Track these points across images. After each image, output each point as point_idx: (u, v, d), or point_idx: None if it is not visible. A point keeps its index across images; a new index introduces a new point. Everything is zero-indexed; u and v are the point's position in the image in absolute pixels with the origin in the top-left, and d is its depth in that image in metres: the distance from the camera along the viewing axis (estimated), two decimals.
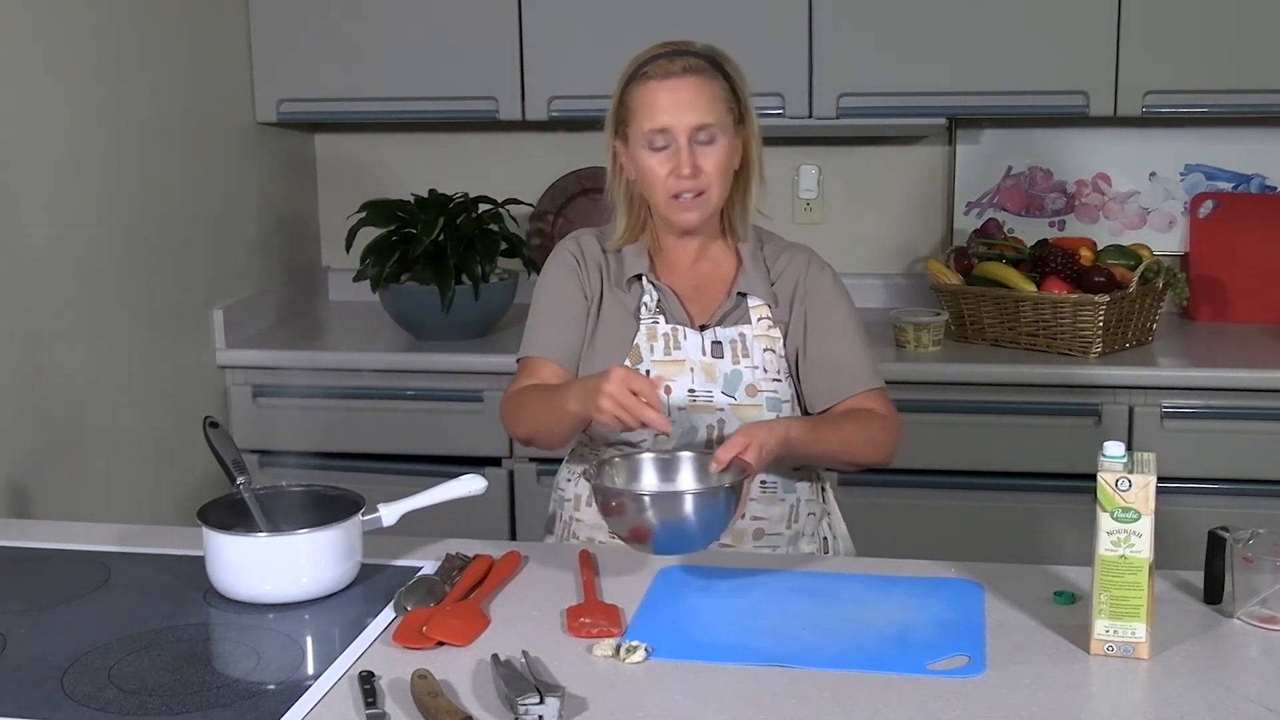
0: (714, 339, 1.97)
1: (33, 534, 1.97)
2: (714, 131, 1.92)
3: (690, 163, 1.90)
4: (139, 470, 2.84)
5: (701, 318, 2.00)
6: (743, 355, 1.97)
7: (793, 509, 2.00)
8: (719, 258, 2.04)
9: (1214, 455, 2.90)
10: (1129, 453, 1.51)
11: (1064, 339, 3.01)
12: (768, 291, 2.00)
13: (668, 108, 1.90)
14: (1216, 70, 3.05)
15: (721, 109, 1.93)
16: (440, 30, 3.27)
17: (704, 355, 1.97)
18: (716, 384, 1.95)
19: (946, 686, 1.44)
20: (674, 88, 1.91)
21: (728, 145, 1.94)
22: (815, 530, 2.05)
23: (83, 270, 2.70)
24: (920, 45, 3.12)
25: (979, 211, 3.50)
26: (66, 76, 2.64)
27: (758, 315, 1.99)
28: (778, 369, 1.97)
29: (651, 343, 1.97)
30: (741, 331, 1.98)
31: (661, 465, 1.84)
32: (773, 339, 1.98)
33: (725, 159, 1.94)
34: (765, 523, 1.97)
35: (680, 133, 1.90)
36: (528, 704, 1.35)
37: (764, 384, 1.95)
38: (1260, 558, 1.57)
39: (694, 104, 1.90)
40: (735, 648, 1.54)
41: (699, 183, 1.92)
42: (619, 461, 1.86)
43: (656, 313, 1.99)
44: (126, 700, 1.43)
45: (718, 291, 2.01)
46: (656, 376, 1.95)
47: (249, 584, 1.67)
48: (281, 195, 3.56)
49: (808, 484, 2.04)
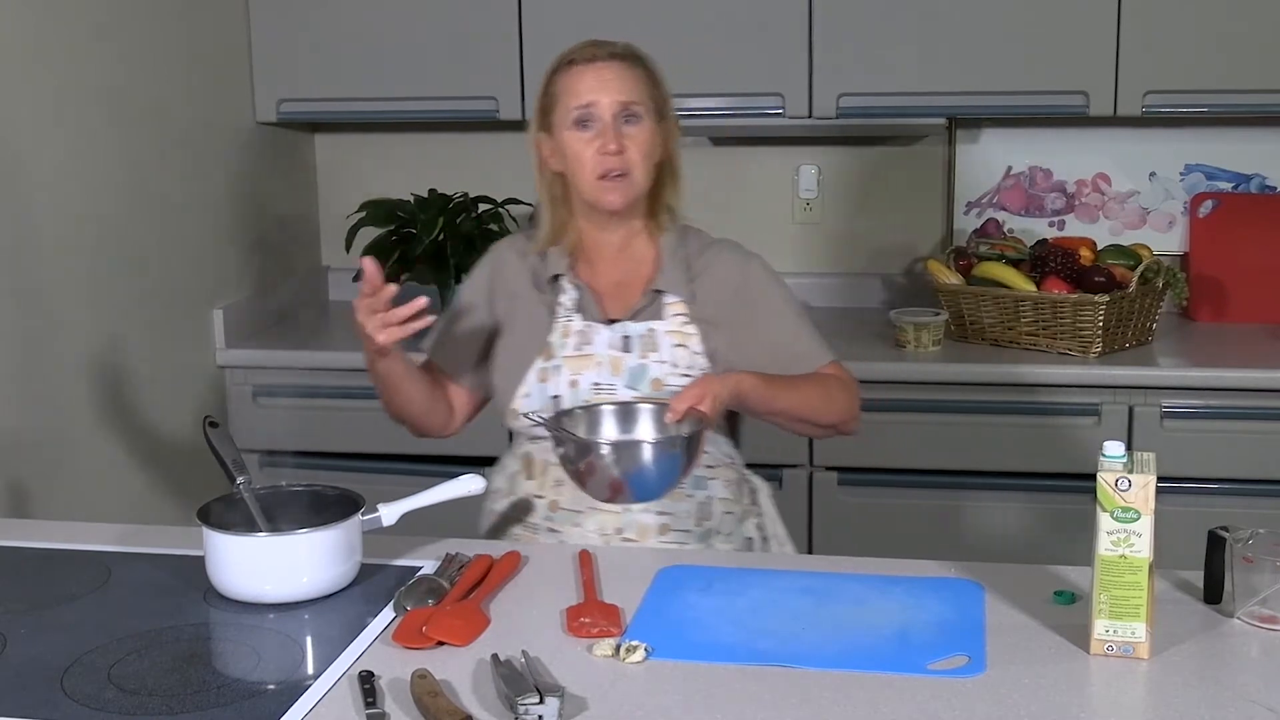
0: (624, 334, 2.00)
1: (33, 534, 1.97)
2: (638, 110, 1.97)
3: (616, 139, 1.95)
4: (139, 470, 2.85)
5: (617, 313, 2.03)
6: (650, 350, 1.99)
7: (703, 506, 2.01)
8: (640, 254, 2.06)
9: (1214, 455, 2.90)
10: (1129, 452, 1.51)
11: (1064, 339, 3.01)
12: (686, 289, 2.02)
13: (593, 86, 1.97)
14: (1216, 70, 3.05)
15: (644, 94, 1.99)
16: (440, 30, 3.27)
17: (611, 350, 2.00)
18: (621, 378, 1.98)
19: (946, 686, 1.44)
20: (599, 69, 1.98)
21: (651, 129, 1.99)
22: (735, 530, 2.06)
23: (82, 270, 2.70)
24: (920, 45, 3.12)
25: (979, 211, 3.50)
26: (66, 76, 2.64)
27: (673, 311, 2.01)
28: (689, 365, 1.99)
29: (565, 339, 2.01)
30: (651, 327, 2.00)
31: (620, 415, 1.90)
32: (686, 335, 2.00)
33: (649, 141, 1.98)
34: (672, 518, 1.98)
35: (605, 109, 1.95)
36: (527, 704, 1.35)
37: (671, 379, 1.97)
38: (1260, 557, 1.57)
39: (619, 83, 1.97)
40: (735, 648, 1.54)
41: (624, 160, 1.96)
42: (579, 412, 1.91)
43: (573, 310, 2.02)
44: (126, 700, 1.43)
45: (636, 289, 2.04)
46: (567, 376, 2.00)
47: (249, 584, 1.67)
48: (281, 195, 3.56)
49: (723, 483, 2.04)
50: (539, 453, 2.02)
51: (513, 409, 2.02)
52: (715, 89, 3.21)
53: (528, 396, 2.00)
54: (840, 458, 3.03)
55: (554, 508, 1.99)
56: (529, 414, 1.95)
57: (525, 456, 2.05)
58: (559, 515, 1.99)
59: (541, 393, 2.00)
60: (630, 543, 1.96)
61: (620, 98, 1.96)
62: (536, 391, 2.00)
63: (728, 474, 2.06)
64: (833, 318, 3.44)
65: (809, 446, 3.01)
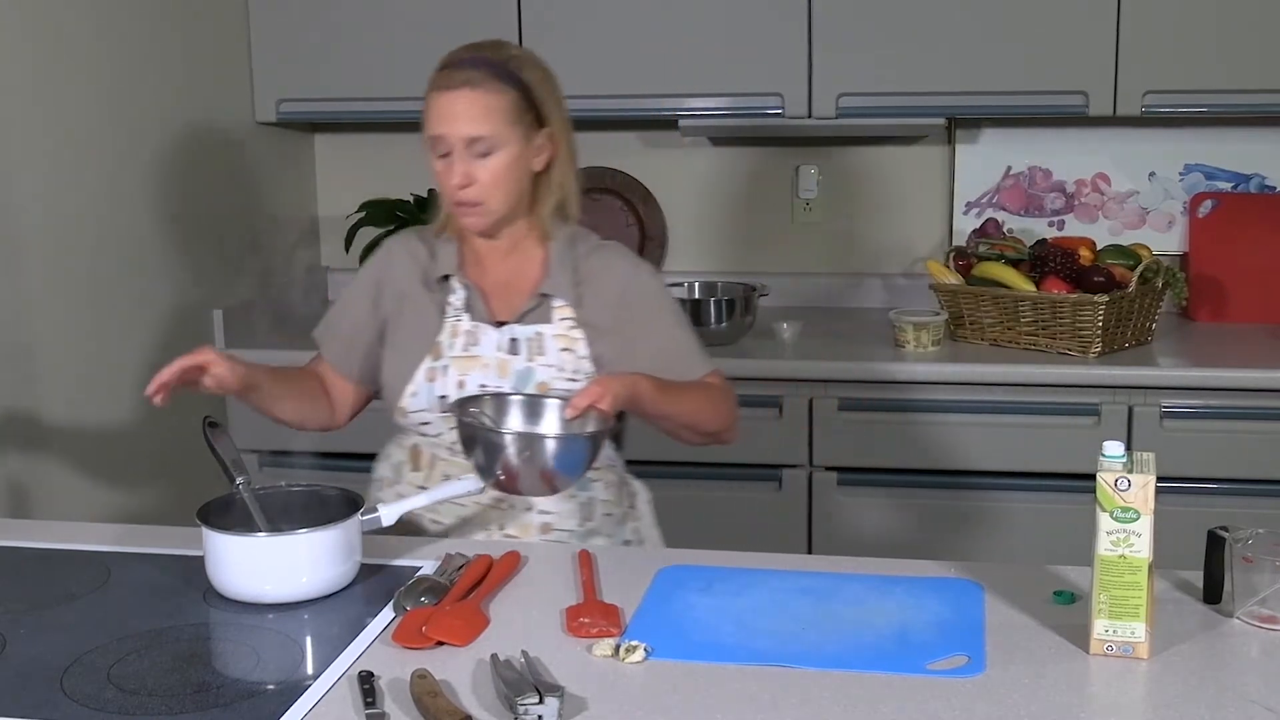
0: (511, 336, 2.01)
1: (33, 534, 1.97)
2: (490, 144, 1.94)
3: (462, 173, 1.94)
4: (139, 470, 2.85)
5: (505, 315, 2.03)
6: (537, 354, 2.00)
7: (585, 507, 2.02)
8: (528, 256, 2.06)
9: (1213, 455, 2.90)
10: (1128, 452, 1.51)
11: (1063, 339, 3.01)
12: (572, 293, 2.02)
13: (443, 117, 1.94)
14: (1216, 70, 3.05)
15: (500, 121, 1.94)
16: (440, 30, 3.27)
17: (499, 352, 2.00)
18: (508, 380, 1.98)
19: (946, 686, 1.44)
20: (450, 100, 1.94)
21: (509, 156, 1.95)
22: (614, 532, 2.07)
23: (82, 270, 2.70)
24: (920, 45, 3.12)
25: (978, 211, 3.50)
26: (66, 77, 2.64)
27: (559, 315, 2.02)
28: (575, 369, 2.00)
29: (453, 339, 2.02)
30: (539, 330, 2.01)
31: (526, 408, 1.91)
32: (573, 339, 2.01)
33: (504, 169, 1.95)
34: (554, 518, 2.00)
35: (454, 140, 1.94)
36: (527, 704, 1.35)
37: (558, 382, 1.97)
38: (1259, 557, 1.57)
39: (468, 116, 1.93)
40: (735, 648, 1.54)
41: (472, 193, 1.95)
42: (486, 399, 1.91)
43: (462, 310, 2.03)
44: (126, 700, 1.43)
45: (524, 291, 2.04)
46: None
47: (249, 584, 1.67)
48: (281, 195, 3.56)
49: (605, 485, 2.06)
50: (426, 446, 2.04)
51: (401, 407, 2.02)
52: (715, 89, 3.21)
53: (415, 395, 2.01)
54: (840, 458, 3.03)
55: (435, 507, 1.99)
56: (451, 409, 1.94)
57: (413, 449, 2.06)
58: (445, 508, 1.99)
59: (429, 392, 2.00)
60: (511, 539, 1.97)
61: (467, 133, 1.92)
62: (424, 391, 2.00)
63: (609, 476, 2.08)
64: (832, 318, 3.44)
65: (808, 446, 3.02)
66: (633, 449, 2.24)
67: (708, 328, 3.15)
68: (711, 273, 3.52)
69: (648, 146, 3.61)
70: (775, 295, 3.41)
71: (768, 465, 3.06)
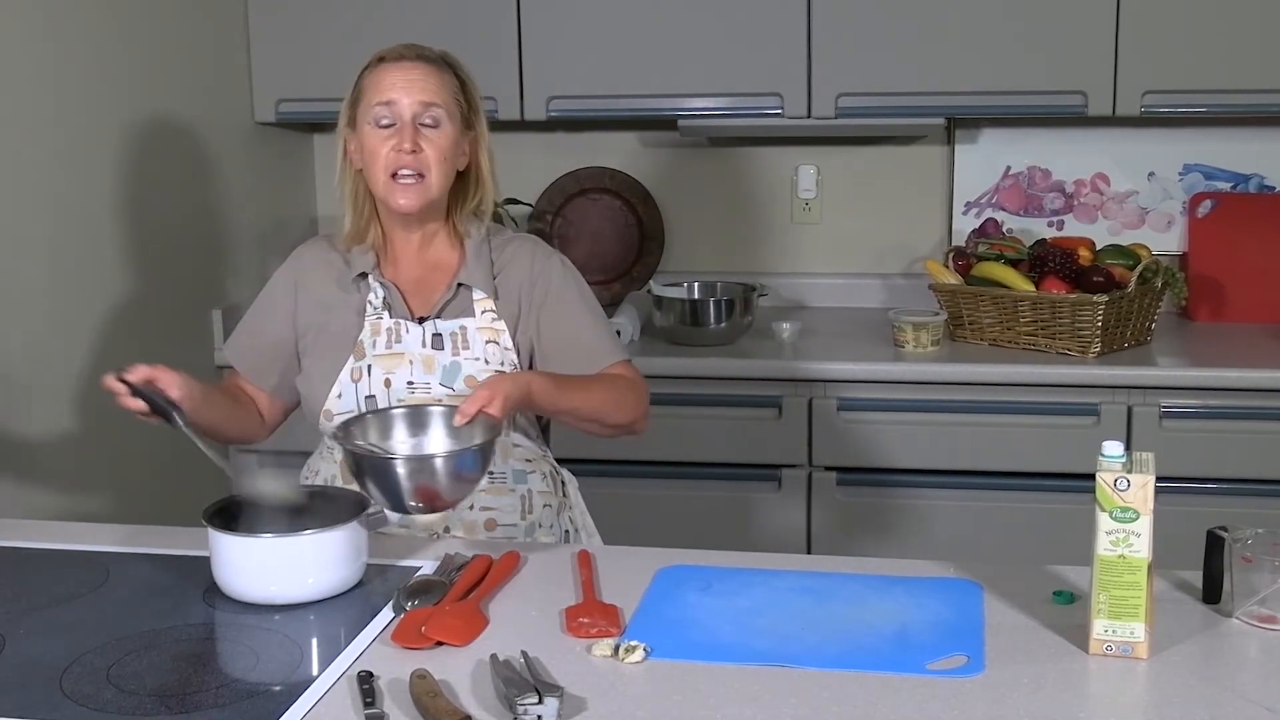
0: (434, 331, 2.01)
1: (33, 534, 1.97)
2: (439, 114, 1.97)
3: (412, 138, 1.95)
4: (139, 470, 2.84)
5: (423, 311, 2.03)
6: (463, 347, 2.00)
7: (524, 500, 2.03)
8: (443, 251, 2.07)
9: (1213, 455, 2.90)
10: (1127, 452, 1.51)
11: (1063, 339, 3.01)
12: (489, 284, 2.03)
13: (395, 83, 1.98)
14: (1215, 70, 3.05)
15: (449, 99, 1.99)
16: (438, 31, 3.25)
17: (424, 348, 2.00)
18: (435, 375, 1.98)
19: (946, 686, 1.44)
20: (405, 69, 1.99)
21: (452, 134, 1.99)
22: (554, 522, 2.08)
23: (82, 270, 2.70)
24: (919, 45, 3.12)
25: (978, 211, 3.50)
26: (65, 77, 2.64)
27: (481, 308, 2.02)
28: (501, 361, 2.00)
29: (375, 338, 2.01)
30: (463, 324, 2.01)
31: (410, 420, 1.88)
32: (496, 331, 2.02)
33: (448, 146, 1.98)
34: (497, 513, 2.00)
35: (405, 108, 1.96)
36: (526, 704, 1.35)
37: (484, 375, 1.97)
38: (1259, 557, 1.57)
39: (422, 84, 1.97)
40: (735, 648, 1.54)
41: (419, 161, 1.96)
42: (370, 418, 1.89)
43: (381, 309, 2.02)
44: (125, 700, 1.43)
45: (440, 284, 2.04)
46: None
47: (255, 585, 1.67)
48: (281, 195, 3.56)
49: (540, 476, 2.06)
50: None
51: (326, 409, 2.01)
52: (714, 89, 3.21)
53: (340, 397, 2.00)
54: (839, 458, 3.03)
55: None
56: (328, 429, 1.93)
57: (344, 461, 2.02)
58: (395, 517, 1.97)
59: (354, 392, 1.99)
60: (459, 539, 1.96)
61: (421, 98, 1.96)
62: (349, 391, 2.00)
63: (543, 467, 2.09)
64: (832, 318, 3.44)
65: (807, 446, 3.02)
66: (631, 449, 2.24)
67: (707, 328, 3.15)
68: (711, 273, 3.52)
69: (647, 146, 3.61)
70: (775, 295, 3.41)
71: (767, 465, 3.05)
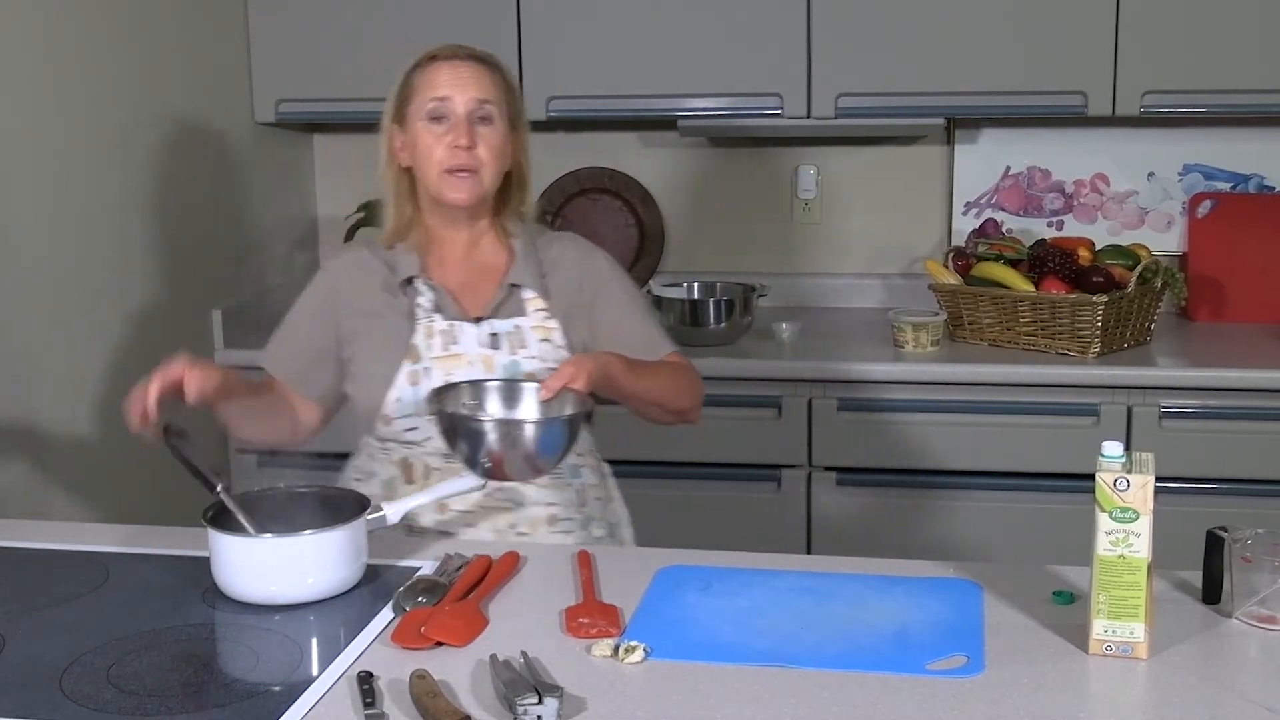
0: (491, 331, 2.01)
1: (33, 534, 1.97)
2: (492, 111, 1.99)
3: (468, 134, 1.97)
4: (138, 471, 2.84)
5: (476, 311, 2.03)
6: (519, 346, 2.01)
7: (580, 493, 2.05)
8: (490, 251, 2.08)
9: (1212, 455, 2.90)
10: (1127, 452, 1.51)
11: (1062, 339, 3.01)
12: (539, 283, 2.05)
13: (450, 81, 1.99)
14: (1215, 70, 3.05)
15: (500, 97, 2.01)
16: (438, 31, 3.25)
17: (481, 347, 2.01)
18: (496, 374, 1.98)
19: (945, 686, 1.44)
20: (458, 66, 2.01)
21: (504, 132, 2.01)
22: (602, 514, 2.09)
23: (82, 270, 2.70)
24: (918, 45, 3.12)
25: (977, 211, 3.50)
26: (65, 77, 2.64)
27: (533, 307, 2.04)
28: (556, 359, 2.00)
29: (429, 340, 2.01)
30: (517, 323, 2.02)
31: (503, 393, 1.90)
32: (549, 329, 2.03)
33: (500, 143, 2.01)
34: (558, 508, 2.01)
35: (460, 105, 1.98)
36: (526, 704, 1.35)
37: (542, 373, 1.97)
38: (1258, 557, 1.57)
39: (476, 81, 2.00)
40: (734, 648, 1.54)
41: (473, 157, 1.97)
42: (463, 387, 1.90)
43: (433, 311, 2.02)
44: (125, 700, 1.43)
45: (490, 284, 2.05)
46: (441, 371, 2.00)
47: (255, 585, 1.67)
48: (281, 196, 3.56)
49: (590, 470, 2.08)
50: (416, 457, 2.01)
51: (384, 414, 2.01)
52: (714, 89, 3.21)
53: (398, 400, 2.00)
54: (839, 458, 3.03)
55: (443, 509, 1.98)
56: (428, 399, 1.91)
57: (403, 462, 2.03)
58: (450, 517, 1.98)
59: (413, 395, 1.99)
60: (523, 536, 1.97)
61: (476, 95, 1.98)
62: (407, 394, 1.99)
63: (591, 460, 2.11)
64: (832, 318, 3.44)
65: (807, 446, 3.01)
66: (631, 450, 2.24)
67: (707, 328, 3.16)
68: (710, 273, 3.52)
69: (646, 146, 3.61)
70: (774, 295, 3.41)
71: (767, 465, 3.05)
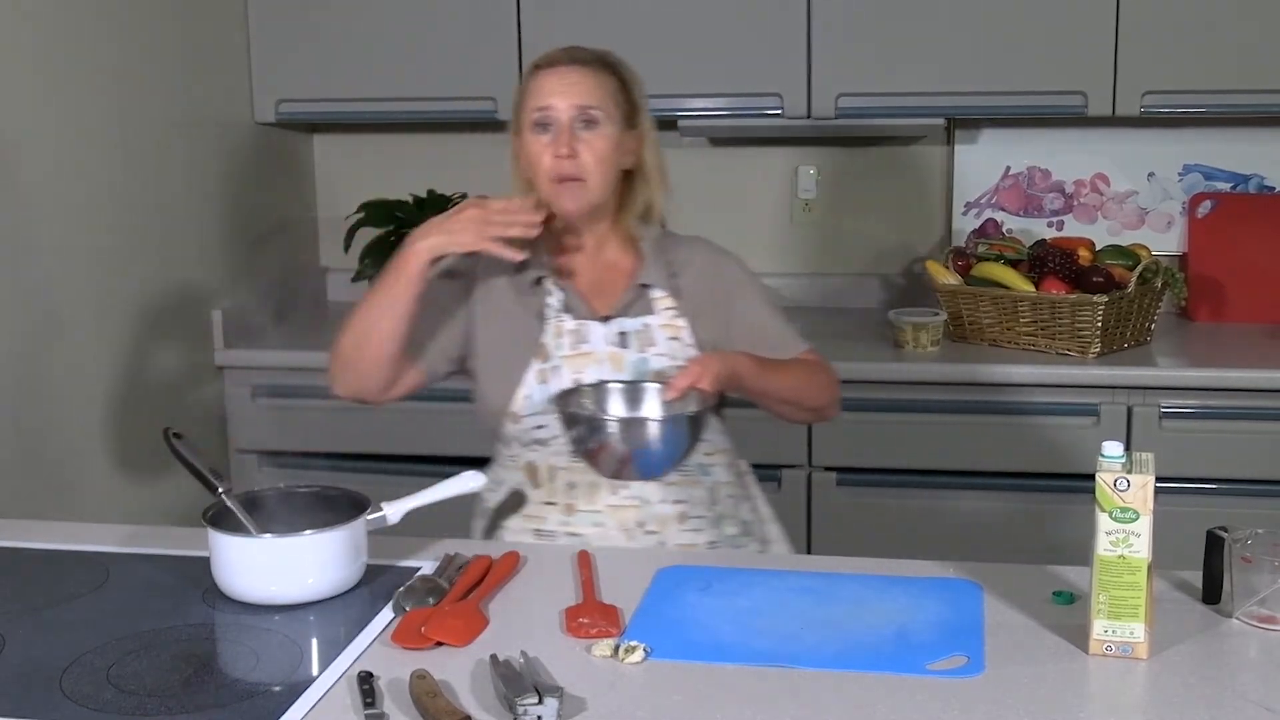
0: (619, 329, 2.01)
1: (33, 534, 1.97)
2: (596, 115, 1.97)
3: (568, 143, 1.95)
4: (139, 471, 2.85)
5: (604, 310, 2.03)
6: (648, 344, 2.01)
7: (712, 491, 2.04)
8: (617, 253, 2.08)
9: (1212, 455, 2.90)
10: (1127, 453, 1.51)
11: (1062, 339, 3.01)
12: (669, 283, 2.04)
13: (551, 89, 1.98)
14: (1215, 70, 3.05)
15: (607, 100, 1.99)
16: (439, 30, 3.28)
17: (610, 346, 2.01)
18: (623, 373, 1.99)
19: (945, 686, 1.44)
20: (560, 73, 1.99)
21: (612, 136, 1.98)
22: (735, 513, 2.08)
23: (82, 270, 2.70)
24: (918, 45, 3.12)
25: (977, 211, 3.50)
26: (66, 77, 2.64)
27: (661, 306, 2.03)
28: (684, 356, 2.00)
29: (559, 339, 2.01)
30: (646, 322, 2.02)
31: (627, 394, 1.93)
32: (678, 328, 2.02)
33: (608, 149, 1.98)
34: (688, 505, 2.00)
35: (561, 113, 1.96)
36: (526, 704, 1.35)
37: (671, 371, 1.97)
38: (1259, 557, 1.57)
39: (577, 87, 1.97)
40: (734, 648, 1.54)
41: (577, 166, 1.96)
42: (586, 389, 1.93)
43: (562, 312, 2.02)
44: (125, 701, 1.43)
45: (619, 284, 2.05)
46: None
47: (255, 585, 1.67)
48: (280, 196, 3.56)
49: (723, 468, 2.07)
50: (541, 460, 2.01)
51: (512, 412, 2.01)
52: (714, 89, 3.21)
53: (528, 398, 2.00)
54: (839, 458, 3.03)
55: (570, 511, 1.98)
56: (553, 402, 1.93)
57: (529, 466, 2.02)
58: (576, 518, 1.98)
59: (543, 394, 1.99)
60: (653, 535, 1.97)
61: (577, 101, 1.96)
62: (536, 393, 2.00)
63: (724, 459, 2.09)
64: (831, 318, 3.44)
65: (807, 446, 3.02)
66: None
67: None
68: None
69: None
70: (775, 295, 3.41)
71: (767, 465, 3.04)
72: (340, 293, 3.68)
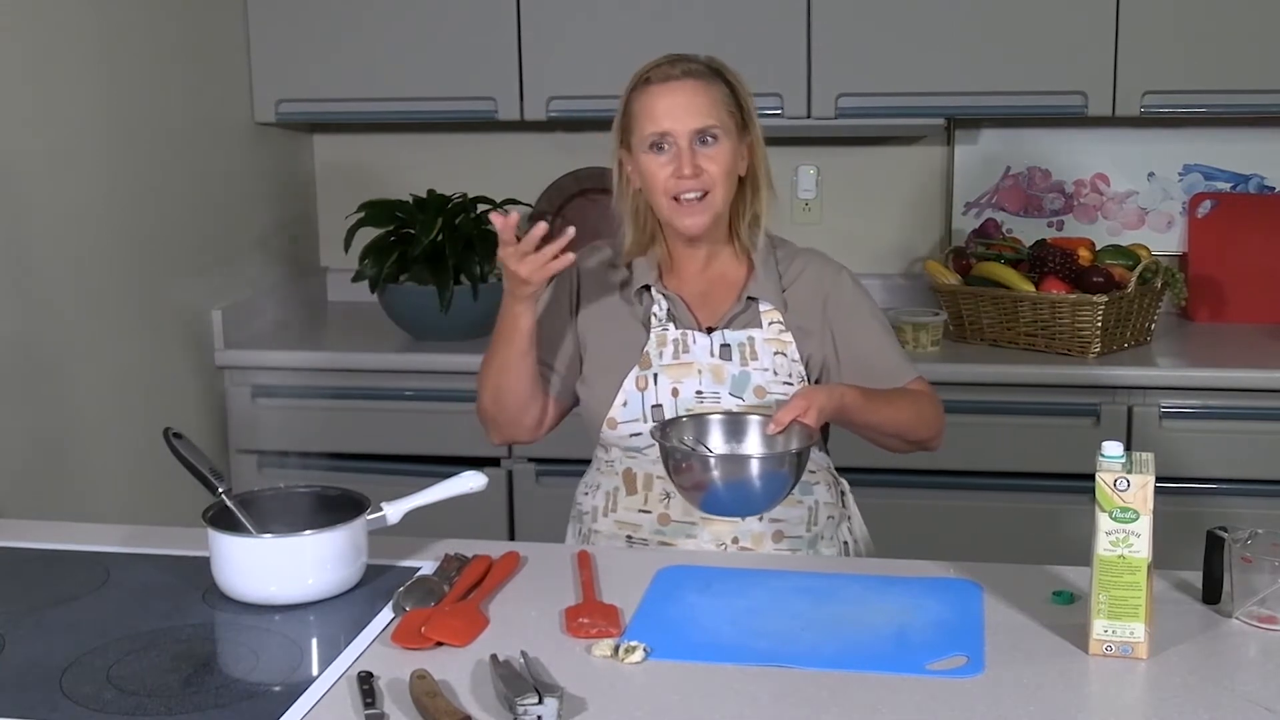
0: (722, 341, 1.98)
1: (33, 534, 1.97)
2: (716, 132, 1.93)
3: (691, 163, 1.92)
4: (139, 471, 2.84)
5: (710, 322, 2.01)
6: (751, 358, 1.97)
7: (811, 511, 2.00)
8: (728, 264, 2.04)
9: (1212, 455, 2.90)
10: (1127, 453, 1.51)
11: (1062, 339, 3.01)
12: (779, 297, 2.01)
13: (667, 111, 1.92)
14: (1215, 70, 3.05)
15: (723, 112, 1.95)
16: (439, 30, 3.27)
17: (712, 357, 1.98)
18: (724, 385, 1.96)
19: (945, 686, 1.44)
20: (673, 90, 1.93)
21: (731, 148, 1.95)
22: (834, 534, 2.05)
23: (82, 271, 2.70)
24: (919, 45, 3.12)
25: (977, 211, 3.50)
26: (66, 77, 2.64)
27: (768, 320, 1.99)
28: (789, 373, 1.98)
29: (661, 348, 1.99)
30: (750, 335, 1.99)
31: (728, 426, 1.87)
32: (784, 343, 1.99)
33: (729, 161, 1.95)
34: (785, 525, 1.97)
35: (681, 135, 1.92)
36: (526, 704, 1.35)
37: (773, 386, 1.96)
38: (1259, 557, 1.57)
39: (693, 106, 1.92)
40: (734, 648, 1.54)
41: (702, 181, 1.92)
42: (685, 421, 1.88)
43: (666, 321, 2.00)
44: (125, 701, 1.43)
45: (727, 296, 2.02)
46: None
47: (255, 585, 1.67)
48: (280, 195, 3.56)
49: (825, 487, 2.04)
50: (639, 467, 1.98)
51: (610, 418, 1.99)
52: None
53: (625, 405, 1.98)
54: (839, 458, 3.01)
55: (664, 521, 1.96)
56: (652, 434, 1.89)
57: (626, 473, 2.00)
58: (670, 529, 1.96)
59: (640, 401, 1.97)
60: (747, 551, 1.94)
61: (694, 125, 1.91)
62: (635, 400, 1.97)
63: (826, 478, 2.05)
64: None
65: None
66: None
67: None
68: None
69: None
70: None
71: None
72: (340, 293, 3.68)
